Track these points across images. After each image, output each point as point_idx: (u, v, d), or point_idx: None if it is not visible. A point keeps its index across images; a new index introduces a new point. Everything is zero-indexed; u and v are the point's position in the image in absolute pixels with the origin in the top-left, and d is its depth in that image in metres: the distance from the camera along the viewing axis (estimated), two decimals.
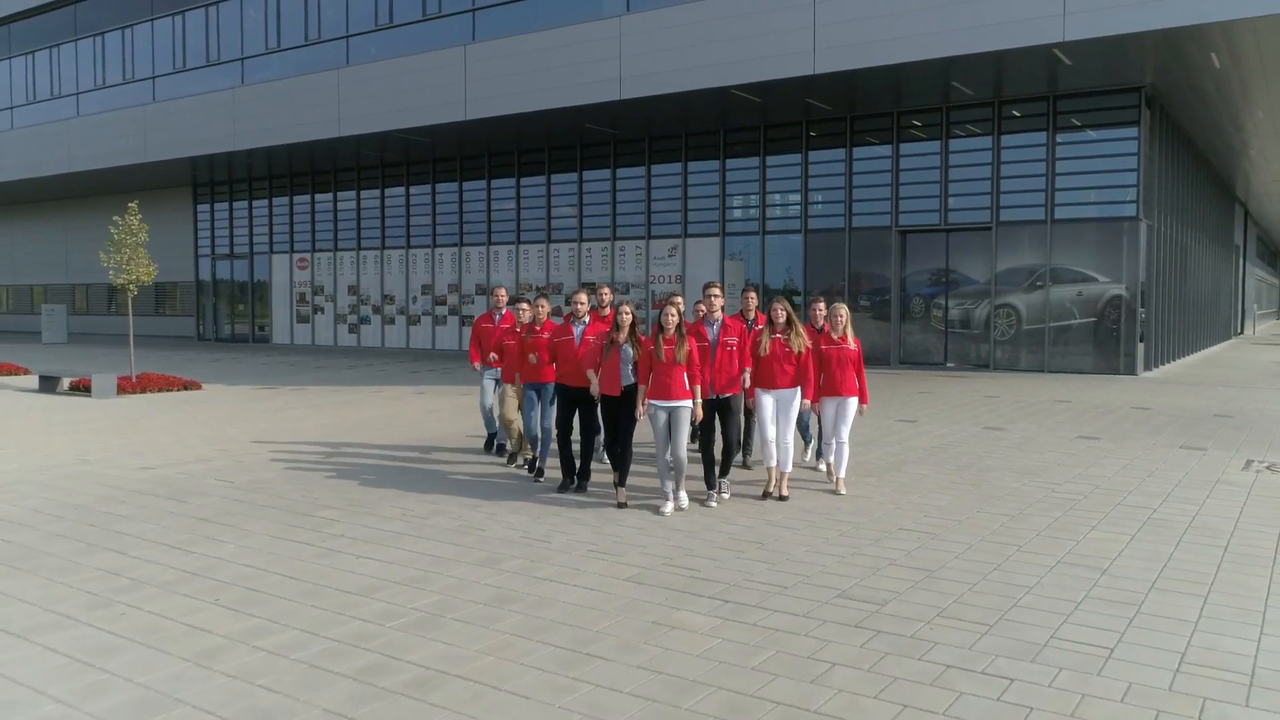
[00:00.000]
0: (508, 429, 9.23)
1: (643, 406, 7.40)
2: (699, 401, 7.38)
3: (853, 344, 8.10)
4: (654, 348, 7.28)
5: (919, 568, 5.84)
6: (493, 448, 10.10)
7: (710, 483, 7.71)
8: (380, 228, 28.33)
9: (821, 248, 21.07)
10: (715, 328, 7.73)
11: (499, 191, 26.00)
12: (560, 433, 8.12)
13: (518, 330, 8.79)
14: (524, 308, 8.83)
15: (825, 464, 8.49)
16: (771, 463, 7.80)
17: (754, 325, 8.47)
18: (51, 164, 30.12)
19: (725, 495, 7.71)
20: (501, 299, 10.20)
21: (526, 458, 9.11)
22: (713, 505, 7.54)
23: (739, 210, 22.28)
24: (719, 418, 7.72)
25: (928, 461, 9.45)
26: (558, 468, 8.37)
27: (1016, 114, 18.95)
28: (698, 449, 8.18)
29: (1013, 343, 19.19)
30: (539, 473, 8.69)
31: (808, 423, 9.37)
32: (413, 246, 27.68)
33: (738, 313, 8.77)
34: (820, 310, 8.58)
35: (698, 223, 22.75)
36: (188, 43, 27.79)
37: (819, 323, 8.44)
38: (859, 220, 20.59)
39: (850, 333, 8.15)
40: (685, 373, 7.29)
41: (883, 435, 11.06)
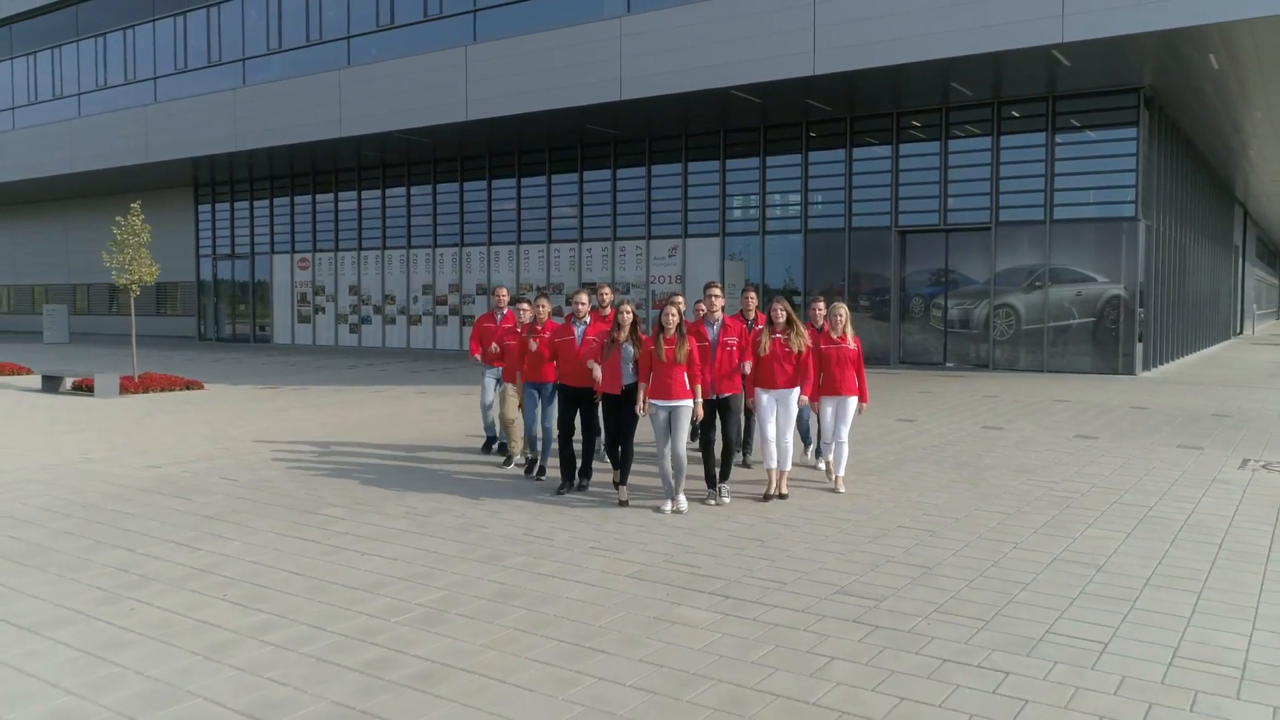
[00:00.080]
0: (508, 429, 9.28)
1: (643, 404, 7.46)
2: (699, 401, 7.44)
3: (852, 343, 8.17)
4: (654, 347, 7.34)
5: (917, 564, 5.91)
6: (491, 449, 10.14)
7: (711, 481, 7.76)
8: (381, 228, 28.40)
9: (821, 248, 21.13)
10: (715, 328, 7.77)
11: (500, 192, 26.07)
12: (561, 433, 8.15)
13: (518, 330, 8.86)
14: (524, 308, 8.90)
15: (825, 462, 8.55)
16: (772, 464, 7.85)
17: (754, 325, 8.53)
18: (53, 164, 30.19)
19: (726, 500, 7.66)
20: (503, 299, 10.25)
21: (527, 457, 9.11)
22: (713, 504, 7.60)
23: (739, 210, 22.34)
24: (719, 417, 7.77)
25: (926, 460, 9.52)
26: (558, 467, 8.42)
27: (1016, 115, 19.02)
28: (698, 448, 8.24)
29: (1012, 343, 19.26)
30: (540, 471, 8.74)
31: (808, 425, 9.42)
32: (414, 247, 27.74)
33: (738, 313, 8.83)
34: (820, 310, 8.64)
35: (698, 223, 22.81)
36: (189, 43, 27.85)
37: (819, 322, 8.51)
38: (859, 220, 20.66)
39: (850, 332, 8.22)
40: (685, 372, 7.36)
41: (882, 434, 11.13)
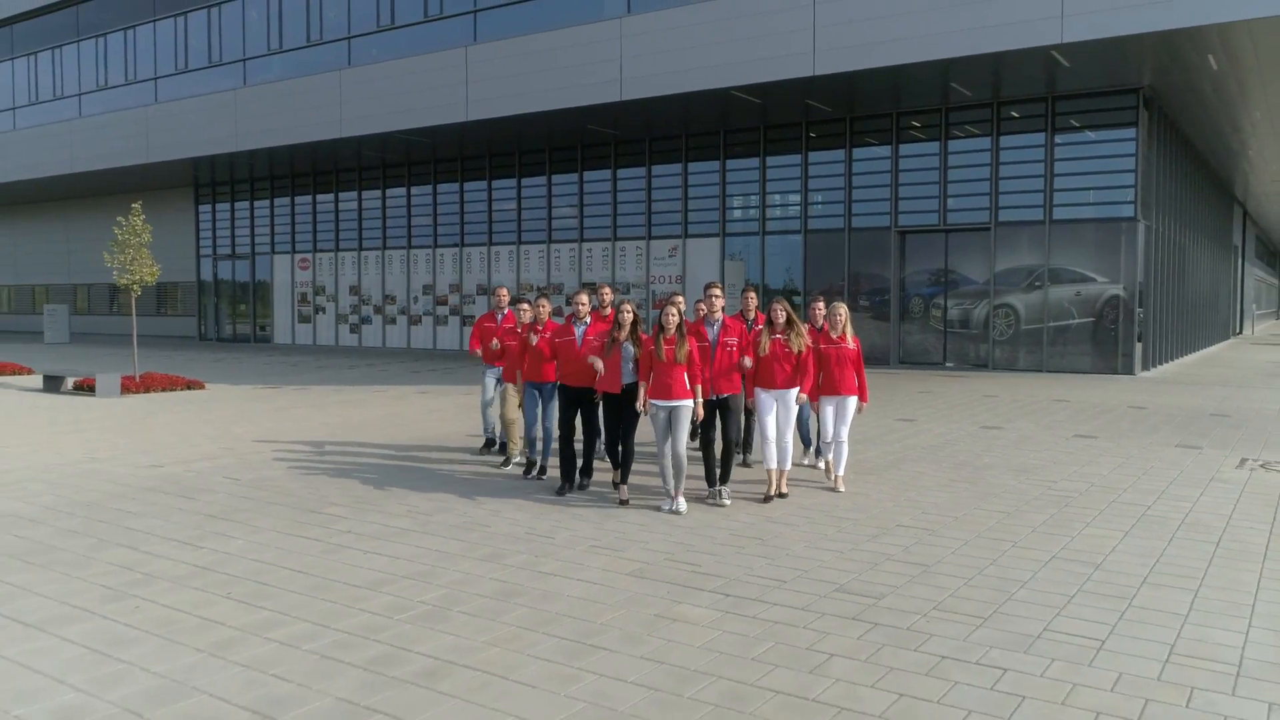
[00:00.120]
0: (507, 429, 9.30)
1: (644, 402, 7.47)
2: (699, 401, 7.46)
3: (851, 343, 8.21)
4: (654, 347, 7.37)
5: (916, 563, 5.95)
6: (491, 449, 10.13)
7: (711, 480, 7.79)
8: (381, 228, 28.44)
9: (821, 248, 21.18)
10: (715, 328, 7.81)
11: (500, 192, 26.11)
12: (562, 434, 8.17)
13: (519, 330, 8.89)
14: (525, 308, 8.93)
15: (824, 462, 8.59)
16: (771, 464, 7.87)
17: (754, 325, 8.56)
18: (54, 164, 30.24)
19: (727, 502, 7.62)
20: (503, 299, 10.28)
21: (525, 458, 9.13)
22: (713, 501, 7.63)
23: (739, 211, 22.39)
24: (719, 417, 7.80)
25: (926, 460, 9.56)
26: (558, 467, 8.44)
27: (1015, 115, 19.06)
28: (698, 447, 8.27)
29: (1011, 342, 19.30)
30: (541, 470, 8.77)
31: (808, 426, 9.43)
32: (414, 247, 27.79)
33: (738, 313, 8.86)
34: (820, 310, 8.68)
35: (698, 223, 22.86)
36: (190, 44, 27.90)
37: (819, 322, 8.55)
38: (858, 221, 20.70)
39: (849, 332, 8.26)
40: (686, 372, 7.38)
41: (882, 434, 11.17)
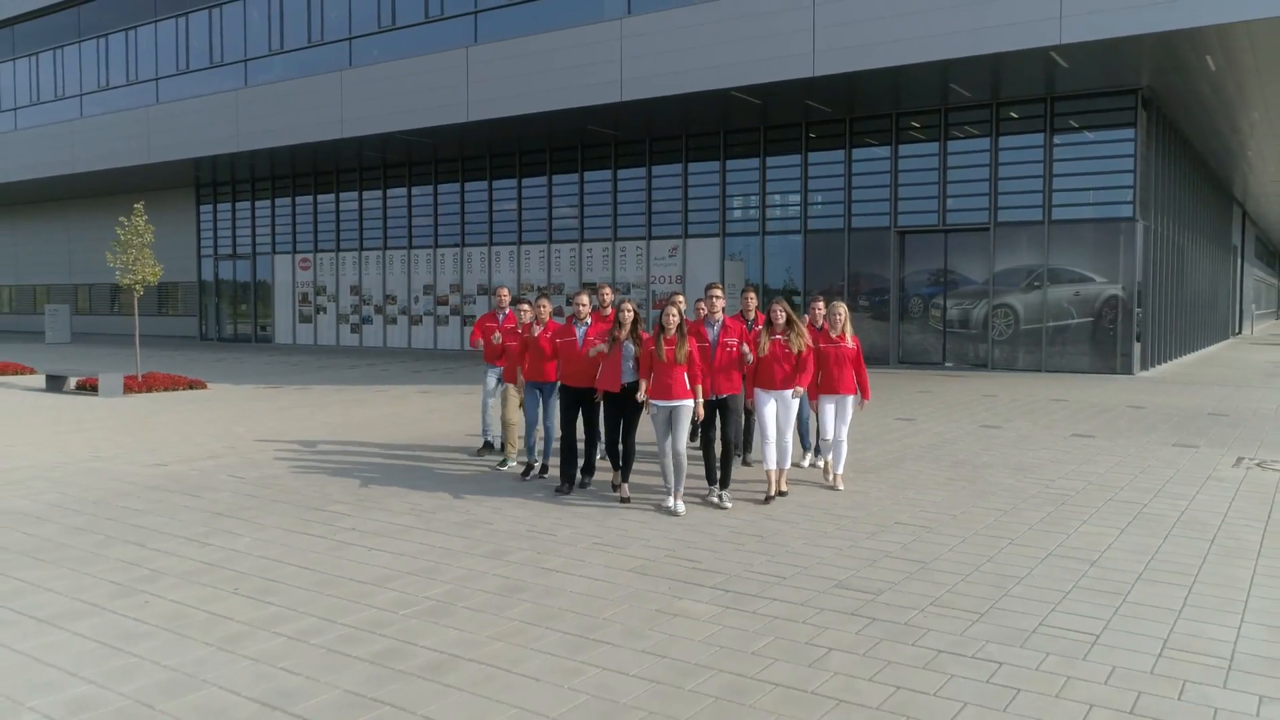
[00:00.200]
0: (506, 431, 9.33)
1: (646, 391, 7.49)
2: (700, 401, 7.51)
3: (850, 342, 8.28)
4: (655, 348, 7.42)
5: (914, 559, 6.02)
6: (491, 449, 10.16)
7: (711, 478, 7.84)
8: (382, 228, 28.52)
9: (821, 248, 21.25)
10: (716, 328, 7.86)
11: (500, 192, 26.19)
12: (564, 433, 8.23)
13: (519, 331, 8.95)
14: (525, 308, 8.98)
15: (823, 461, 8.65)
16: (771, 465, 7.90)
17: (754, 326, 8.62)
18: (55, 165, 30.32)
19: (728, 505, 7.59)
20: (504, 299, 10.33)
21: (523, 461, 9.15)
22: (714, 501, 7.70)
23: (739, 211, 22.46)
24: (719, 417, 7.85)
25: (925, 458, 9.63)
26: (559, 466, 8.50)
27: (1014, 116, 19.14)
28: (698, 446, 8.33)
29: (1010, 342, 19.37)
30: (543, 469, 8.83)
31: (807, 428, 9.48)
32: (415, 247, 27.86)
33: (738, 313, 8.92)
34: (820, 309, 8.75)
35: (698, 223, 22.93)
36: (191, 44, 27.98)
37: (818, 321, 8.62)
38: (858, 221, 20.78)
39: (849, 331, 8.33)
40: (686, 373, 7.44)
41: (881, 433, 11.24)
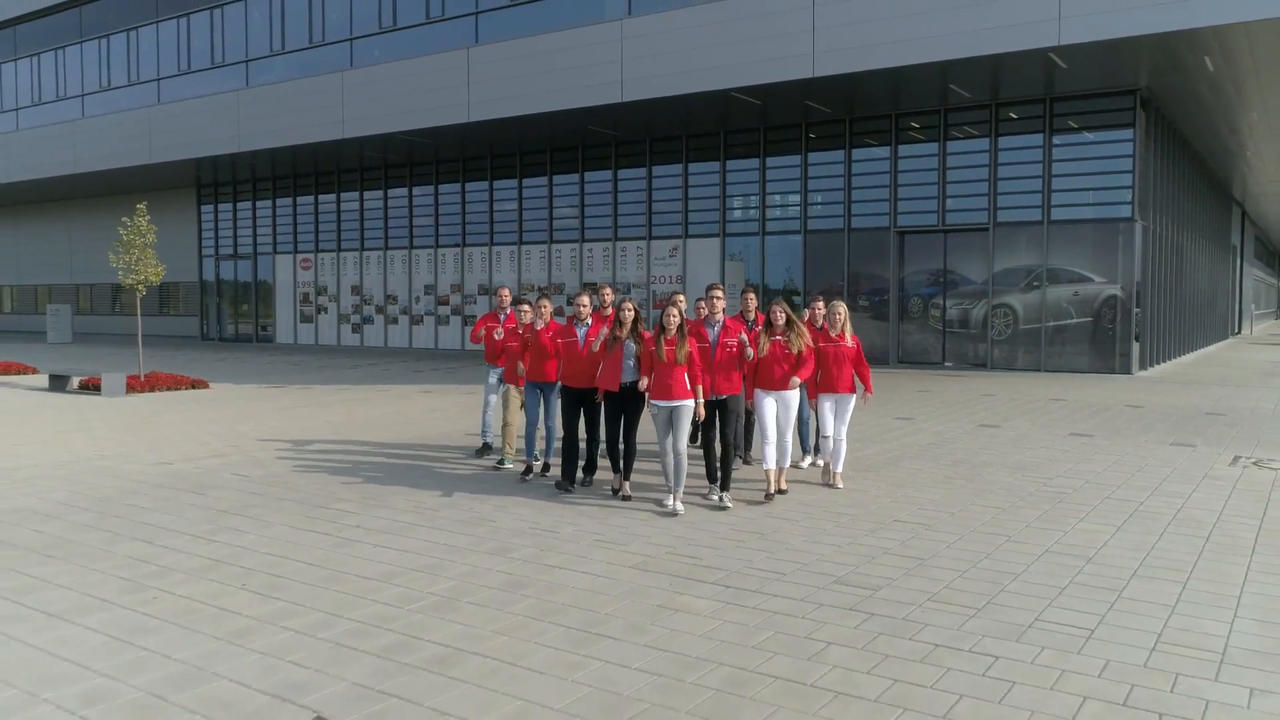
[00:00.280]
0: (505, 431, 9.33)
1: (647, 386, 7.55)
2: (700, 401, 7.56)
3: (850, 341, 8.34)
4: (655, 348, 7.48)
5: (912, 556, 6.10)
6: (488, 453, 10.18)
7: (712, 476, 7.90)
8: (383, 228, 28.59)
9: (821, 248, 21.32)
10: (716, 329, 7.92)
11: (501, 192, 26.26)
12: (565, 433, 8.29)
13: (520, 331, 9.01)
14: (525, 309, 9.04)
15: (822, 461, 8.71)
16: (770, 464, 7.94)
17: (754, 326, 8.68)
18: (57, 165, 30.39)
19: (728, 505, 7.59)
20: (505, 299, 10.37)
21: (521, 463, 9.18)
22: (714, 499, 7.76)
23: (739, 211, 22.53)
24: (719, 417, 7.90)
25: (923, 457, 9.70)
26: (560, 465, 8.56)
27: (1014, 116, 19.21)
28: (698, 446, 8.39)
29: (1010, 342, 19.44)
30: (544, 468, 8.89)
31: (807, 429, 9.53)
32: (415, 247, 27.93)
33: (738, 314, 8.99)
34: (820, 309, 8.82)
35: (698, 223, 23.00)
36: (192, 45, 28.05)
37: (818, 321, 8.68)
38: (858, 221, 20.85)
39: (849, 330, 8.40)
40: (686, 373, 7.50)
41: (880, 432, 11.31)
